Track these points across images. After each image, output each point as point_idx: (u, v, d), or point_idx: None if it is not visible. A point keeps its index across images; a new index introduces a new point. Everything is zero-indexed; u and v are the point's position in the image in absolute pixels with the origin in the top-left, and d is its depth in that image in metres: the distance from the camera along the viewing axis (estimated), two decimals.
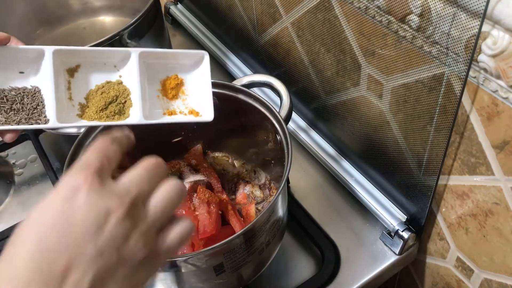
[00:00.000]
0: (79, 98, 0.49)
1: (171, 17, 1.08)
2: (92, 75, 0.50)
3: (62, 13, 0.92)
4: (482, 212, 0.53)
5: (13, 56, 0.46)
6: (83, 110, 0.49)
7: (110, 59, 0.50)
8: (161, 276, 0.51)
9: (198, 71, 0.53)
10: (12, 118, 0.46)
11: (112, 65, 0.50)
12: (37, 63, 0.47)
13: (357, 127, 0.64)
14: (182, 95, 0.54)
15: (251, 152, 0.69)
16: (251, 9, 0.75)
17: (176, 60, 0.53)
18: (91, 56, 0.49)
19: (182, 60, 0.53)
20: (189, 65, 0.53)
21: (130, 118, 0.49)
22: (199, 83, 0.54)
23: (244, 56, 0.89)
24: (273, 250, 0.58)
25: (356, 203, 0.69)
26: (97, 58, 0.49)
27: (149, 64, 0.51)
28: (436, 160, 0.52)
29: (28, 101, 0.46)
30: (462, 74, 0.43)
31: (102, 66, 0.50)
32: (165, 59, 0.52)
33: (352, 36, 0.55)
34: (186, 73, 0.54)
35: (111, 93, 0.49)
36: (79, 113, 0.49)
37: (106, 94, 0.49)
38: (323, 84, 0.67)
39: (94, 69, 0.49)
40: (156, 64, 0.51)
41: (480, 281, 0.60)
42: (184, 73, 0.53)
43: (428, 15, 0.44)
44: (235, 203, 0.65)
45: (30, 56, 0.46)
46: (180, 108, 0.53)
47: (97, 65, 0.49)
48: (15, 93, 0.46)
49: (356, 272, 0.62)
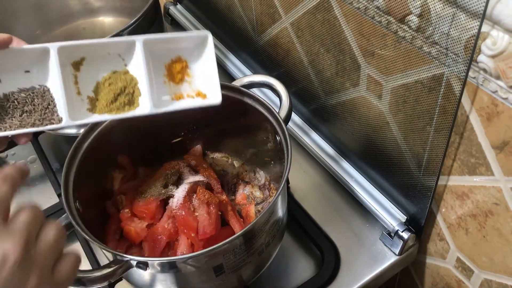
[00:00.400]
0: (87, 91, 0.49)
1: (170, 18, 1.08)
2: (98, 66, 0.49)
3: (62, 13, 0.92)
4: (482, 212, 0.53)
5: (17, 57, 0.45)
6: (92, 103, 0.49)
7: (114, 49, 0.49)
8: (161, 277, 0.51)
9: (202, 52, 0.53)
10: (26, 121, 0.45)
11: (116, 54, 0.49)
12: (42, 61, 0.46)
13: (357, 127, 0.64)
14: (187, 78, 0.53)
15: (250, 153, 0.69)
16: (251, 9, 0.75)
17: (180, 43, 0.52)
18: (95, 49, 0.48)
19: (185, 43, 0.52)
20: (192, 47, 0.52)
21: (141, 108, 0.49)
22: (204, 65, 0.53)
23: (244, 57, 0.89)
24: (273, 250, 0.58)
25: (356, 204, 0.69)
26: (101, 50, 0.49)
27: (153, 50, 0.50)
28: (435, 161, 0.52)
29: (38, 101, 0.46)
30: (461, 74, 0.43)
31: (106, 56, 0.49)
32: (168, 44, 0.51)
33: (352, 36, 0.55)
34: (190, 55, 0.53)
35: (119, 84, 0.49)
36: (89, 107, 0.49)
37: (114, 86, 0.49)
38: (323, 85, 0.66)
39: (99, 60, 0.49)
40: (160, 49, 0.51)
41: (480, 282, 0.60)
42: (187, 55, 0.53)
43: (427, 15, 0.44)
44: (234, 203, 0.65)
45: (34, 55, 0.46)
46: (187, 91, 0.53)
47: (101, 56, 0.49)
48: (24, 95, 0.46)
49: (356, 273, 0.62)
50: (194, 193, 0.59)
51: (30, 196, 0.77)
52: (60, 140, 0.85)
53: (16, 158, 0.83)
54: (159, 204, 0.59)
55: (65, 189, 0.54)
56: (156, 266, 0.49)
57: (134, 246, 0.59)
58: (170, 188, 0.61)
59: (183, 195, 0.58)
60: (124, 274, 0.49)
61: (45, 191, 0.77)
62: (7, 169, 0.38)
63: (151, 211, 0.59)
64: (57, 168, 0.79)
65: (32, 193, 0.77)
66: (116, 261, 0.49)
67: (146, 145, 0.54)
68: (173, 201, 0.58)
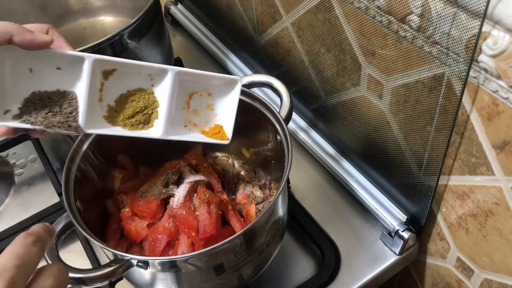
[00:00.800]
0: (109, 100, 0.51)
1: (171, 17, 1.08)
2: (126, 80, 0.51)
3: (62, 13, 0.92)
4: (482, 212, 0.53)
5: (54, 56, 0.47)
6: (110, 112, 0.51)
7: (146, 71, 0.51)
8: (161, 276, 0.51)
9: (228, 93, 0.55)
10: (49, 120, 0.47)
11: (146, 74, 0.51)
12: (75, 65, 0.48)
13: (357, 127, 0.64)
14: (207, 110, 0.56)
15: (251, 152, 0.69)
16: (251, 9, 0.75)
17: (210, 80, 0.55)
18: (129, 66, 0.50)
19: (215, 81, 0.55)
20: (220, 85, 0.55)
21: (153, 131, 0.52)
22: (225, 104, 0.56)
23: (244, 56, 0.89)
24: (273, 250, 0.58)
25: (356, 203, 0.69)
26: (134, 68, 0.51)
27: (182, 79, 0.52)
28: (436, 160, 0.52)
29: (65, 106, 0.48)
30: (462, 74, 0.43)
31: (137, 73, 0.51)
32: (199, 78, 0.54)
33: (352, 36, 0.55)
34: (215, 90, 0.55)
35: (140, 104, 0.51)
36: (106, 114, 0.51)
37: (136, 103, 0.51)
38: (323, 84, 0.66)
39: (129, 75, 0.51)
40: (189, 80, 0.53)
41: (481, 281, 0.60)
42: (213, 89, 0.55)
43: (428, 15, 0.44)
44: (235, 203, 0.65)
45: (69, 59, 0.48)
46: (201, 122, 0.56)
47: (132, 73, 0.51)
48: (56, 98, 0.48)
49: (356, 272, 0.62)
50: (194, 192, 0.59)
51: (30, 196, 0.77)
52: (60, 139, 0.85)
53: (17, 157, 0.83)
54: (159, 203, 0.59)
55: (66, 188, 0.54)
56: (156, 265, 0.49)
57: (135, 245, 0.59)
58: (171, 188, 0.61)
59: (184, 194, 0.58)
60: (125, 273, 0.49)
61: (45, 190, 0.77)
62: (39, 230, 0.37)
63: (151, 210, 0.59)
64: (58, 167, 0.79)
65: (32, 192, 0.78)
66: (116, 260, 0.49)
67: (147, 144, 0.54)
68: (174, 200, 0.58)
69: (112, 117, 0.51)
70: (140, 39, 0.73)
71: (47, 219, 0.70)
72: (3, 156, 0.83)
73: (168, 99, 0.52)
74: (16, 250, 0.33)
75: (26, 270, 0.33)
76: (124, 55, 0.71)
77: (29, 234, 0.36)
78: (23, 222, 0.71)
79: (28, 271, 0.33)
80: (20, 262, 0.32)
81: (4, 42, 0.43)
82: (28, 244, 0.34)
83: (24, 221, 0.71)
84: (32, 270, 0.34)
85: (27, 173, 0.80)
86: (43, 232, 0.37)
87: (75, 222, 0.50)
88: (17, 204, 0.76)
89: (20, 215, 0.73)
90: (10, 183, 0.79)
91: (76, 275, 0.47)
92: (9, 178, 0.80)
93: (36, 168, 0.81)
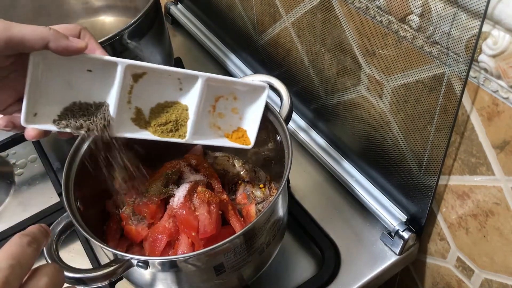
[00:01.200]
0: (137, 103, 0.52)
1: (171, 17, 1.08)
2: (155, 84, 0.52)
3: (62, 13, 0.92)
4: (482, 212, 0.53)
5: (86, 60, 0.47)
6: (138, 115, 0.52)
7: (176, 75, 0.52)
8: (161, 276, 0.51)
9: (255, 99, 0.57)
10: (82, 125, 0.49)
11: (176, 77, 0.52)
12: (107, 69, 0.48)
13: (358, 127, 0.64)
14: (232, 113, 0.57)
15: (251, 152, 0.69)
16: (251, 9, 0.75)
17: (238, 85, 0.56)
18: (158, 70, 0.51)
19: (243, 87, 0.56)
20: (247, 90, 0.56)
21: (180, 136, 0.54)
22: (251, 109, 0.57)
23: (244, 56, 0.89)
24: (273, 250, 0.58)
25: (356, 203, 0.69)
26: (163, 73, 0.51)
27: (211, 84, 0.53)
28: (436, 160, 0.52)
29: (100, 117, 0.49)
30: (462, 74, 0.43)
31: (166, 76, 0.52)
32: (228, 84, 0.55)
33: (353, 36, 0.55)
34: (243, 95, 0.57)
35: (173, 117, 0.53)
36: (134, 117, 0.52)
37: (169, 115, 0.53)
38: (324, 84, 0.66)
39: (158, 78, 0.52)
40: (217, 85, 0.54)
41: (481, 281, 0.60)
42: (240, 95, 0.56)
43: (428, 15, 0.44)
44: (235, 203, 0.65)
45: (101, 63, 0.48)
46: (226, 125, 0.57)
47: (162, 76, 0.52)
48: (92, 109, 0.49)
49: (356, 272, 0.62)
50: (194, 192, 0.59)
51: (30, 196, 0.77)
52: (61, 139, 0.84)
53: (17, 157, 0.83)
54: (159, 203, 0.59)
55: (66, 188, 0.54)
56: (156, 265, 0.49)
57: (135, 245, 0.59)
58: (171, 187, 0.61)
59: (184, 194, 0.58)
60: (125, 273, 0.49)
61: (46, 190, 0.77)
62: (35, 230, 0.37)
63: (151, 210, 0.59)
64: (58, 167, 0.79)
65: (32, 192, 0.78)
66: (116, 260, 0.49)
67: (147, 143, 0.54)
68: (174, 200, 0.58)
69: (139, 119, 0.52)
70: (140, 39, 0.74)
71: (47, 219, 0.70)
72: (3, 156, 0.83)
73: (196, 105, 0.53)
74: (11, 250, 0.34)
75: (21, 270, 0.33)
76: (124, 55, 0.71)
77: (24, 235, 0.36)
78: (23, 222, 0.71)
79: (23, 271, 0.33)
80: (14, 262, 0.33)
81: (40, 48, 0.43)
82: (23, 245, 0.34)
83: (24, 221, 0.71)
84: (26, 271, 0.34)
85: (27, 173, 0.80)
86: (38, 233, 0.37)
87: (75, 222, 0.50)
88: (17, 204, 0.76)
89: (20, 215, 0.73)
90: (10, 183, 0.79)
91: (76, 275, 0.47)
92: (9, 178, 0.80)
93: (36, 168, 0.81)
